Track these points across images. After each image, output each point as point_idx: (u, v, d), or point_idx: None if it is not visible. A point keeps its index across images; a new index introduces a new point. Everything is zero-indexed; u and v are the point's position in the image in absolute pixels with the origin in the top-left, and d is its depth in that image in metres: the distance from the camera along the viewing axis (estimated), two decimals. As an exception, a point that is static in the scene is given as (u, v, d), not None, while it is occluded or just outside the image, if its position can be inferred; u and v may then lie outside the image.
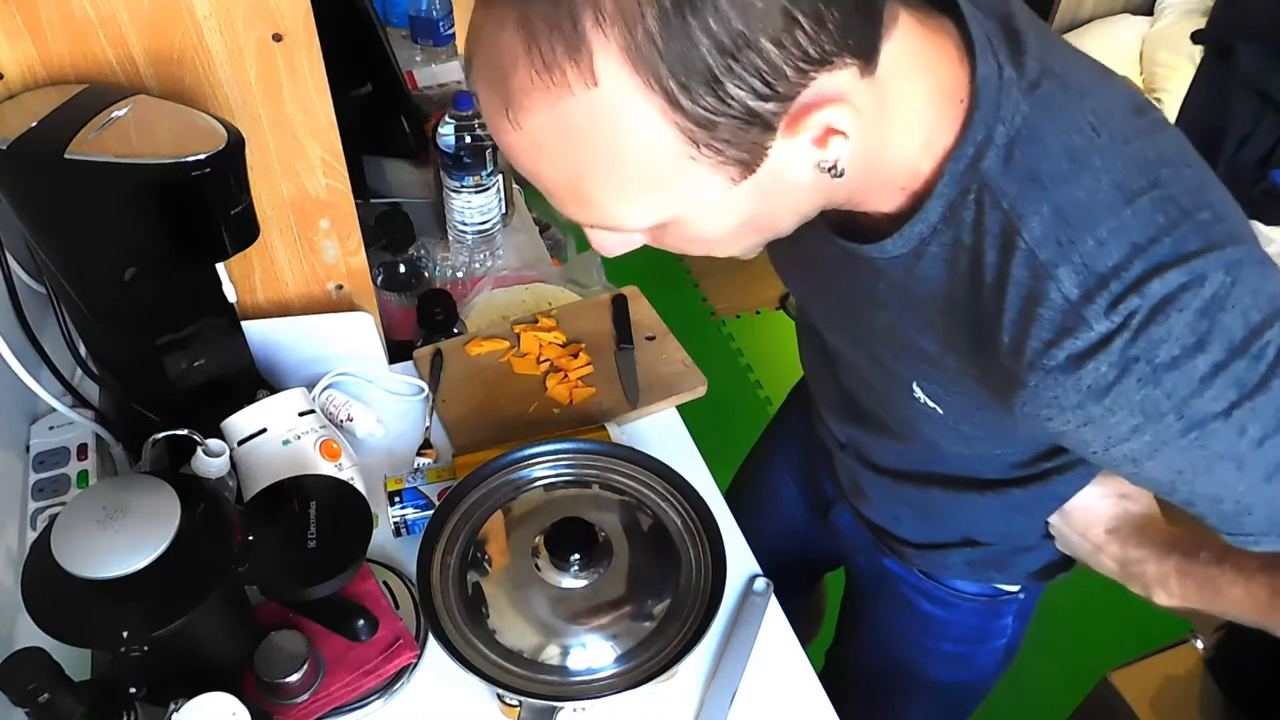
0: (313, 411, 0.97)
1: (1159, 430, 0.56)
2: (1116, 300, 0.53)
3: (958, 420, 0.71)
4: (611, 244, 0.62)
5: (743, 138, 0.49)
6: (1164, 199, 0.54)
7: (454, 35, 1.76)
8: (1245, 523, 0.61)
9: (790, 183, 0.54)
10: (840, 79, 0.50)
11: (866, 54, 0.51)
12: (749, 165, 0.51)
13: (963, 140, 0.56)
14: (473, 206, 1.31)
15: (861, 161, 0.56)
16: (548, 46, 0.46)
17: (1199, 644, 1.40)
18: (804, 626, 0.95)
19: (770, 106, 0.48)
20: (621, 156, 0.50)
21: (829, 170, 0.53)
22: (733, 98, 0.47)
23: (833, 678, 0.98)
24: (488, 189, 1.30)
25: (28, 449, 0.97)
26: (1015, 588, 0.96)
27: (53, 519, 0.70)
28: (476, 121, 1.26)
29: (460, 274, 1.36)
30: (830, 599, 1.35)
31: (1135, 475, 0.61)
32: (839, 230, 0.67)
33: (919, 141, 0.57)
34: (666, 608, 0.86)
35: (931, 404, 0.71)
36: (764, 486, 1.23)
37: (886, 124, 0.55)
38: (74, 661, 0.72)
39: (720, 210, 0.54)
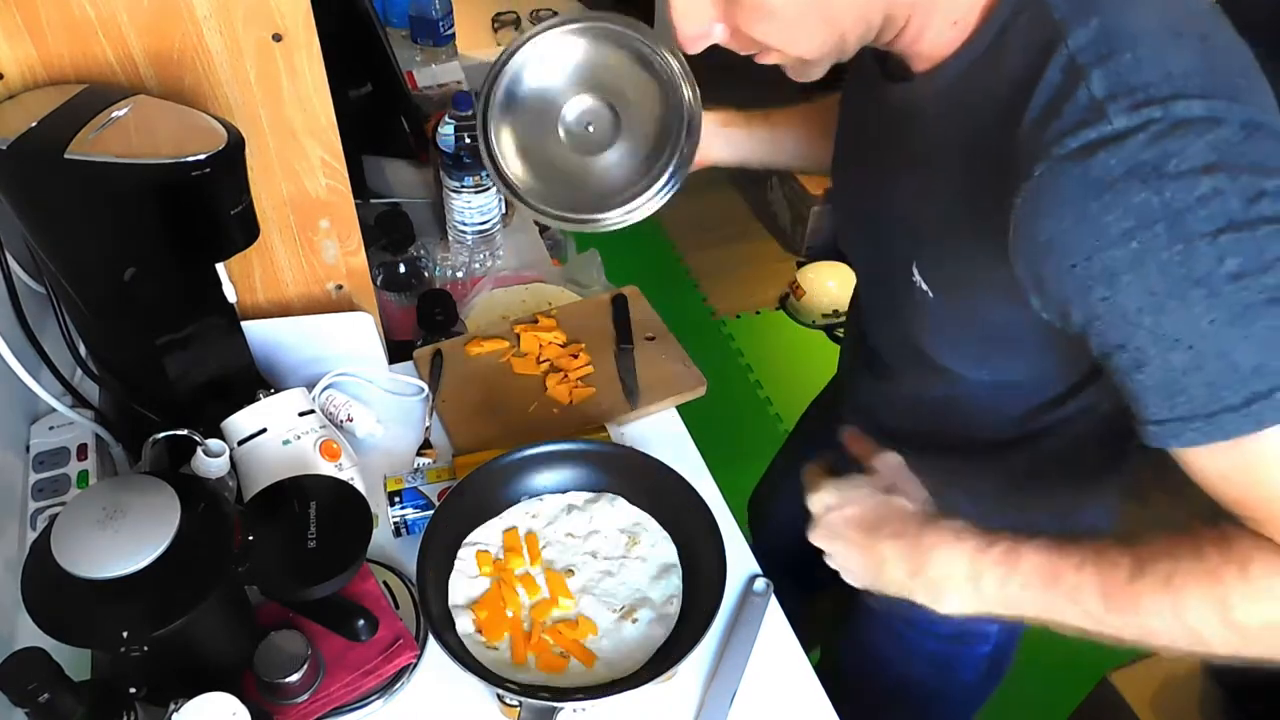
0: (313, 411, 0.97)
1: (1146, 239, 0.55)
2: (1139, 105, 0.55)
3: (952, 306, 0.72)
4: (689, 21, 0.64)
5: None
6: (1208, 50, 0.57)
7: (454, 35, 1.77)
8: (1186, 386, 0.57)
9: None
10: None
11: None
12: None
13: None
14: (473, 206, 1.31)
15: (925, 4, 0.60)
16: None
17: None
18: (815, 630, 0.94)
19: None
20: None
21: None
22: None
23: (826, 676, 0.97)
24: (488, 189, 1.30)
25: (28, 449, 0.97)
26: None
27: (53, 519, 0.70)
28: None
29: (460, 274, 1.36)
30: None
31: (1106, 301, 0.57)
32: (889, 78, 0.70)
33: None
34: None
35: (925, 286, 0.72)
36: (780, 491, 1.23)
37: None
38: (74, 661, 0.72)
39: None
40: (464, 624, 0.84)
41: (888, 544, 0.72)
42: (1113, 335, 0.59)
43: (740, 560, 0.97)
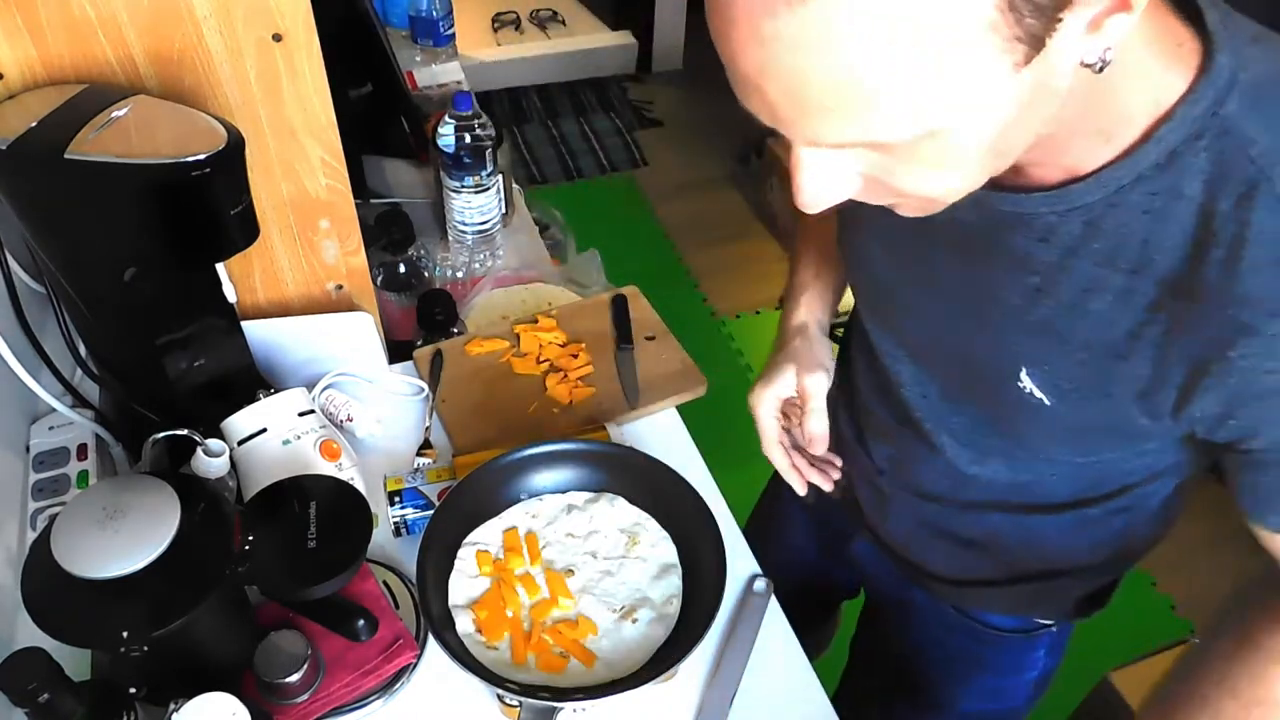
0: (313, 411, 0.97)
1: None
2: None
3: (1069, 411, 0.68)
4: (824, 189, 0.54)
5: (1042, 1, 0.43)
6: None
7: (454, 35, 1.77)
8: None
9: (1054, 85, 0.49)
10: None
11: None
12: (1038, 41, 0.44)
13: (1202, 84, 0.54)
14: (473, 206, 1.31)
15: (1085, 88, 0.52)
16: None
17: (1198, 643, 1.39)
18: (811, 650, 0.93)
19: None
20: (930, 25, 0.42)
21: (1094, 64, 0.49)
22: None
23: (850, 701, 0.94)
24: (488, 189, 1.30)
25: (28, 449, 0.97)
26: (1050, 621, 0.94)
27: (53, 519, 0.70)
28: (476, 122, 1.26)
29: (460, 274, 1.36)
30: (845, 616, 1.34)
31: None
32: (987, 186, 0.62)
33: (1138, 85, 0.55)
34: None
35: (1039, 394, 0.68)
36: (774, 520, 1.21)
37: (1108, 74, 0.52)
38: (74, 661, 0.72)
39: (990, 112, 0.48)
40: (464, 624, 0.84)
41: None
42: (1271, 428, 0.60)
43: (740, 560, 0.97)
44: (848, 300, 0.96)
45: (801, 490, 0.93)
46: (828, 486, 0.94)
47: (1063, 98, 0.51)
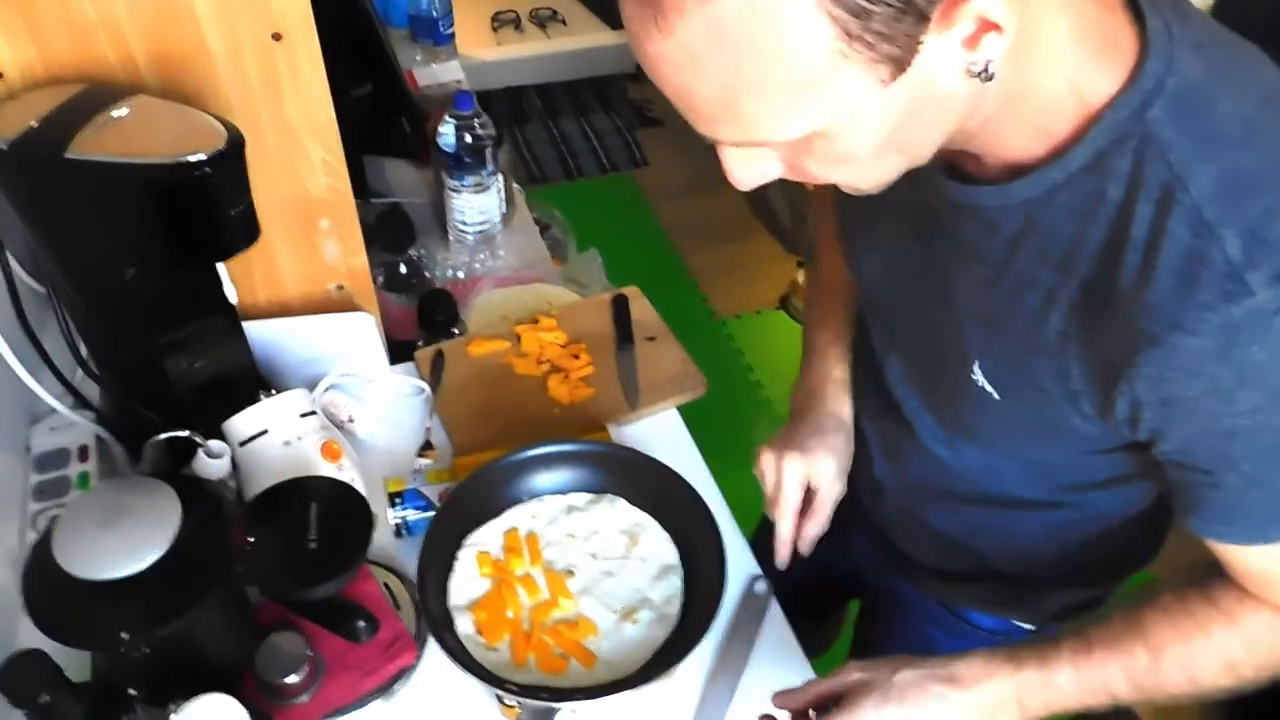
0: (314, 412, 0.97)
1: (1273, 414, 0.56)
2: None
3: (1012, 408, 0.69)
4: (747, 174, 0.59)
5: (896, 29, 0.47)
6: None
7: (454, 35, 1.76)
8: (1250, 507, 0.62)
9: (940, 91, 0.52)
10: None
11: None
12: (900, 63, 0.49)
13: (1129, 89, 0.55)
14: (473, 206, 1.31)
15: (1002, 85, 0.53)
16: None
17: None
18: (810, 650, 0.93)
19: None
20: (776, 54, 0.47)
21: (979, 74, 0.51)
22: None
23: None
24: (488, 189, 1.30)
25: (28, 450, 0.97)
26: (1031, 627, 0.95)
27: (53, 520, 0.70)
28: (476, 122, 1.26)
29: (460, 274, 1.36)
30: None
31: (1209, 447, 0.60)
32: (946, 175, 0.65)
33: (1064, 81, 0.56)
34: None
35: (989, 388, 0.70)
36: None
37: (1029, 53, 0.53)
38: (74, 662, 0.72)
39: (868, 119, 0.52)
40: (464, 625, 0.84)
41: (933, 710, 0.70)
42: (1202, 464, 0.61)
43: (740, 560, 0.97)
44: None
45: (784, 562, 0.91)
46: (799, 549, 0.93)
47: (965, 100, 0.54)
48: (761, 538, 1.17)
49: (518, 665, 0.82)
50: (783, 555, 0.91)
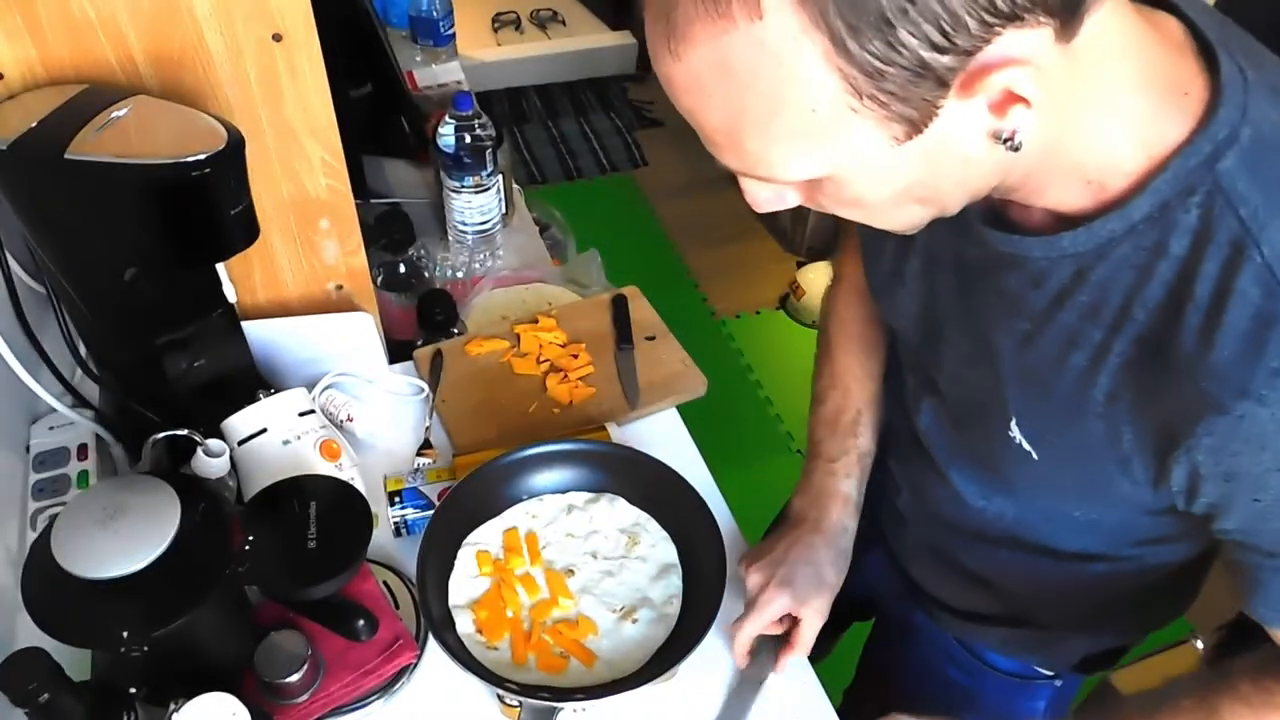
0: (313, 411, 0.97)
1: None
2: None
3: (1054, 469, 0.65)
4: (763, 198, 0.57)
5: (912, 92, 0.45)
6: None
7: (454, 35, 1.76)
8: None
9: (960, 152, 0.50)
10: (1030, 39, 0.45)
11: (1066, 14, 0.45)
12: (916, 124, 0.47)
13: (1198, 136, 0.51)
14: (473, 206, 1.31)
15: (1045, 141, 0.51)
16: None
17: (1199, 644, 1.40)
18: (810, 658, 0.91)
19: (945, 60, 0.44)
20: (781, 99, 0.46)
21: (1005, 142, 0.49)
22: (904, 45, 0.43)
23: (851, 717, 0.92)
24: (488, 189, 1.30)
25: (28, 449, 0.97)
26: (1051, 673, 0.92)
27: (53, 519, 0.70)
28: (476, 122, 1.26)
29: (460, 274, 1.36)
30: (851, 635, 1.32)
31: (1268, 521, 0.56)
32: (989, 222, 0.61)
33: (1125, 131, 0.52)
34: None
35: (1027, 446, 0.65)
36: None
37: (1081, 104, 0.50)
38: (74, 661, 0.72)
39: (880, 172, 0.50)
40: (464, 624, 0.84)
41: None
42: (1268, 545, 0.58)
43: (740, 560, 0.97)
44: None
45: (741, 663, 0.87)
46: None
47: (993, 163, 0.51)
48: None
49: (518, 664, 0.82)
50: (740, 660, 0.87)
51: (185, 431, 0.87)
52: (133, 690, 0.73)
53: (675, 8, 0.46)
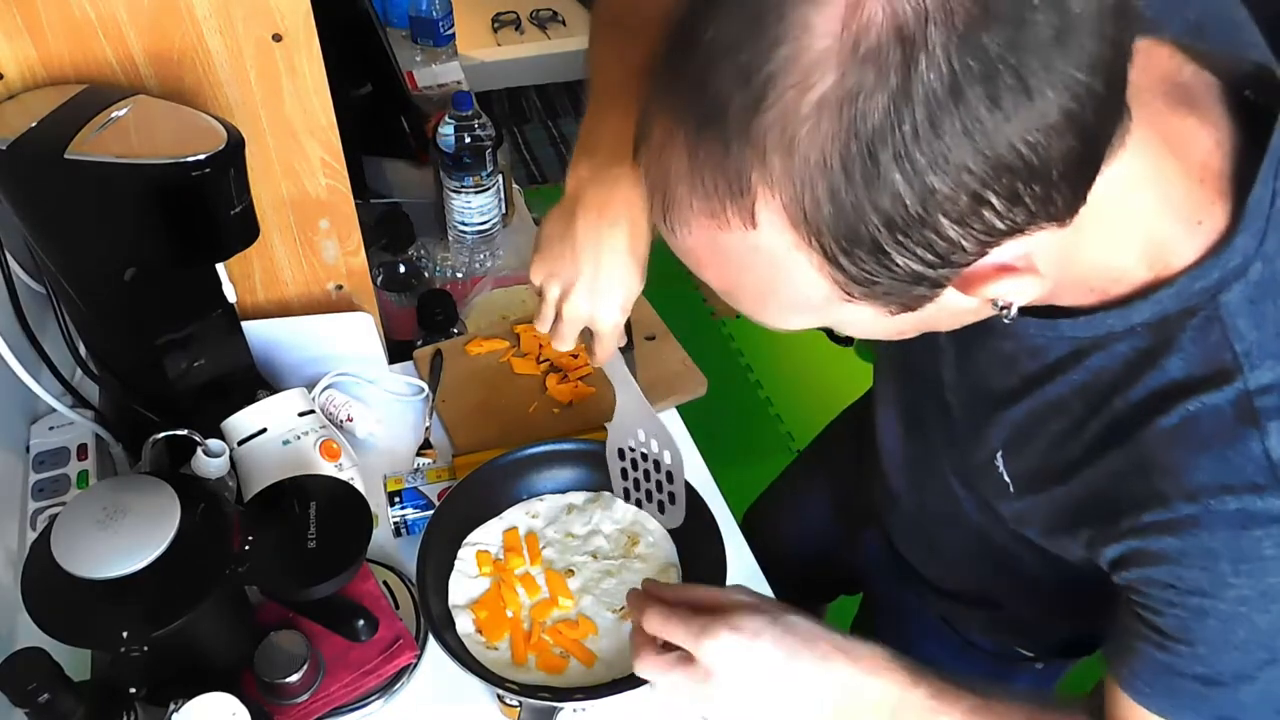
0: (313, 412, 0.97)
1: (1257, 606, 0.52)
2: None
3: (1025, 507, 0.67)
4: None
5: (906, 293, 0.46)
6: None
7: (454, 35, 1.76)
8: (1182, 685, 0.58)
9: (956, 311, 0.51)
10: (1030, 241, 0.45)
11: (1069, 212, 0.46)
12: (910, 307, 0.48)
13: (1210, 261, 0.51)
14: (473, 206, 1.31)
15: (1047, 284, 0.50)
16: (711, 181, 0.45)
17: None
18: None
19: (941, 272, 0.45)
20: (775, 290, 0.48)
21: (1001, 310, 0.50)
22: (897, 264, 0.44)
23: None
24: (488, 189, 1.30)
25: (28, 449, 0.97)
26: (1033, 655, 0.93)
27: (53, 519, 0.70)
28: (476, 122, 1.26)
29: (460, 274, 1.36)
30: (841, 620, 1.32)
31: (1179, 616, 0.55)
32: None
33: (1134, 254, 0.53)
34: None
35: (1007, 479, 0.67)
36: (794, 497, 1.21)
37: (1087, 240, 0.50)
38: (74, 661, 0.72)
39: (876, 326, 0.52)
40: (464, 624, 0.84)
41: (814, 665, 0.65)
42: (1166, 627, 0.57)
43: (740, 560, 0.97)
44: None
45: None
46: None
47: (987, 310, 0.52)
48: (762, 510, 1.17)
49: (518, 664, 0.82)
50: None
51: (185, 431, 0.87)
52: (133, 690, 0.73)
53: (673, 191, 0.47)
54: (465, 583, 0.88)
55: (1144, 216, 0.52)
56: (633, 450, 0.87)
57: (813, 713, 0.65)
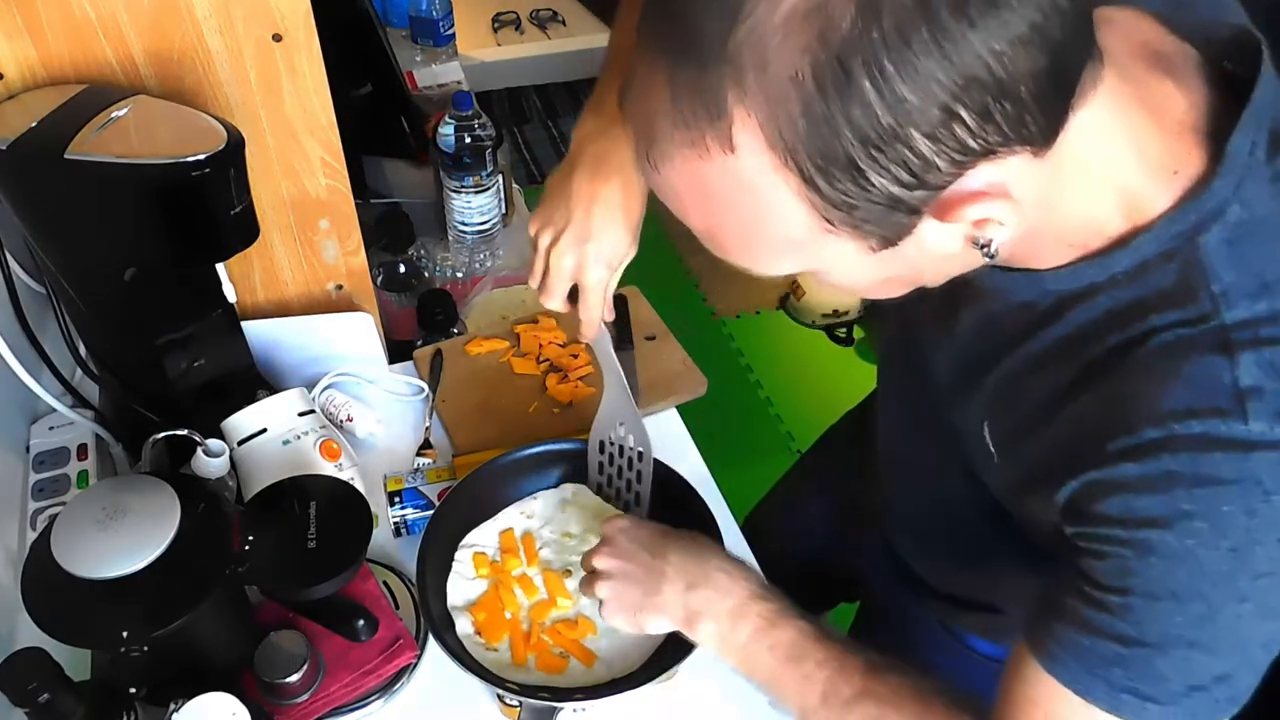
0: (313, 411, 0.97)
1: (1205, 544, 0.51)
2: None
3: (1006, 468, 0.66)
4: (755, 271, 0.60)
5: (885, 219, 0.47)
6: None
7: (454, 35, 1.76)
8: (1101, 649, 0.56)
9: (938, 254, 0.51)
10: (1006, 167, 0.46)
11: (1043, 139, 0.46)
12: (891, 240, 0.49)
13: (1188, 204, 0.51)
14: (473, 206, 1.31)
15: (1026, 231, 0.51)
16: (689, 108, 0.46)
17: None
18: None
19: (918, 194, 0.45)
20: (756, 223, 0.49)
21: (981, 248, 0.50)
22: (874, 185, 0.45)
23: None
24: (488, 189, 1.30)
25: (28, 449, 0.97)
26: None
27: (53, 519, 0.70)
28: (476, 122, 1.26)
29: (460, 274, 1.36)
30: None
31: (1120, 559, 0.54)
32: None
33: (1111, 205, 0.53)
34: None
35: (992, 448, 0.67)
36: (796, 500, 1.21)
37: (1064, 188, 0.51)
38: (74, 661, 0.72)
39: (860, 271, 0.52)
40: (463, 626, 0.84)
41: (676, 556, 0.75)
42: (1102, 573, 0.55)
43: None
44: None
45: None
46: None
47: (973, 257, 0.52)
48: (764, 513, 1.16)
49: (518, 665, 0.82)
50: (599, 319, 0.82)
51: (185, 431, 0.87)
52: (133, 690, 0.73)
53: (655, 127, 0.48)
54: (463, 585, 0.88)
55: (1119, 166, 0.52)
56: (612, 444, 0.88)
57: (671, 592, 0.74)
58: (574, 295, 0.81)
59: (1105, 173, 0.53)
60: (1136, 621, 0.54)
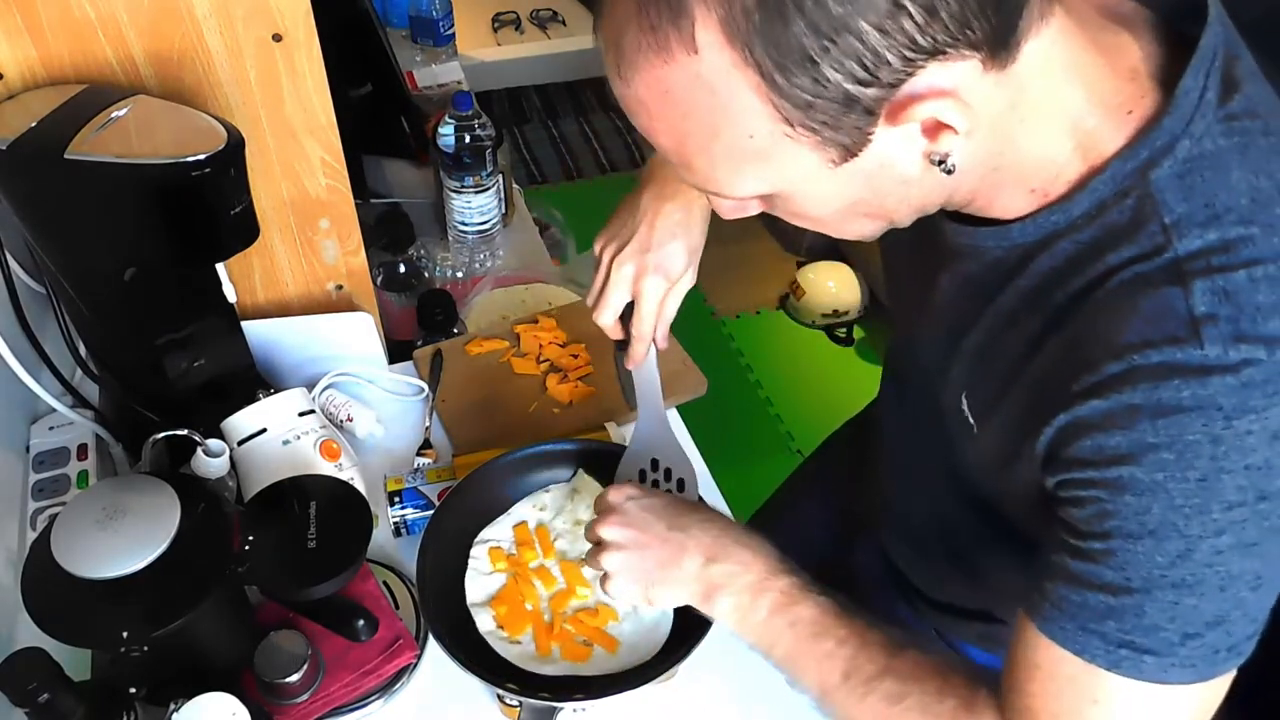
0: (313, 411, 0.97)
1: (1175, 475, 0.51)
2: (1242, 339, 0.50)
3: (985, 437, 0.66)
4: (726, 206, 0.62)
5: (842, 121, 0.49)
6: None
7: (454, 35, 1.77)
8: (1093, 604, 0.56)
9: (897, 174, 0.53)
10: (955, 71, 0.48)
11: (993, 47, 0.48)
12: (850, 150, 0.51)
13: (1139, 142, 0.53)
14: (473, 206, 1.31)
15: (986, 161, 0.54)
16: (655, 11, 0.48)
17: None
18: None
19: (871, 92, 0.48)
20: (719, 126, 0.51)
21: (939, 164, 0.52)
22: (829, 80, 0.47)
23: None
24: (488, 189, 1.30)
25: (28, 449, 0.97)
26: None
27: (52, 519, 0.70)
28: (476, 122, 1.26)
29: (460, 274, 1.36)
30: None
31: (1097, 502, 0.54)
32: (948, 215, 0.64)
33: (1067, 147, 0.55)
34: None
35: (971, 419, 0.67)
36: (792, 510, 1.21)
37: (1021, 123, 0.53)
38: (74, 661, 0.72)
39: (822, 191, 0.54)
40: (484, 621, 0.84)
41: (697, 529, 0.74)
42: (1083, 519, 0.56)
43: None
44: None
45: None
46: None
47: (934, 183, 0.54)
48: (759, 522, 1.16)
49: (542, 656, 0.82)
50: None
51: (185, 431, 0.87)
52: (133, 690, 0.73)
53: (623, 36, 0.50)
54: (480, 580, 0.88)
55: (1074, 105, 0.54)
56: (648, 477, 0.87)
57: (690, 565, 0.73)
58: (627, 316, 0.84)
59: (1061, 108, 0.54)
60: (1120, 565, 0.54)
